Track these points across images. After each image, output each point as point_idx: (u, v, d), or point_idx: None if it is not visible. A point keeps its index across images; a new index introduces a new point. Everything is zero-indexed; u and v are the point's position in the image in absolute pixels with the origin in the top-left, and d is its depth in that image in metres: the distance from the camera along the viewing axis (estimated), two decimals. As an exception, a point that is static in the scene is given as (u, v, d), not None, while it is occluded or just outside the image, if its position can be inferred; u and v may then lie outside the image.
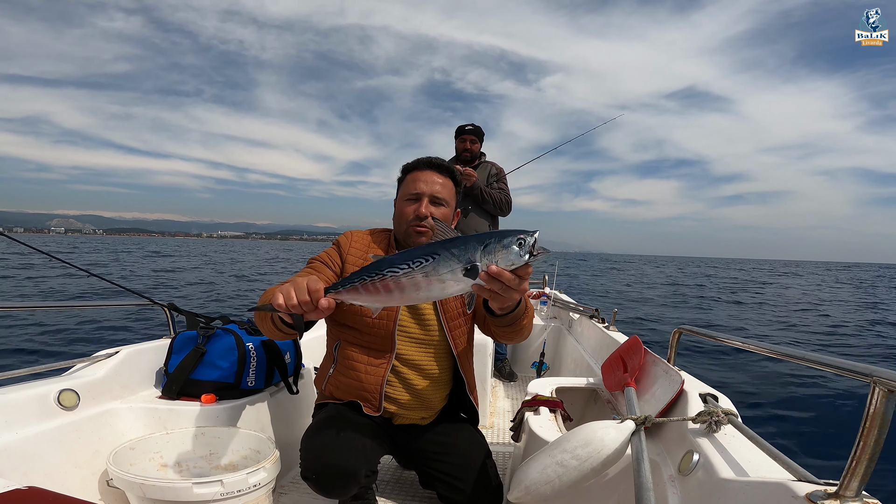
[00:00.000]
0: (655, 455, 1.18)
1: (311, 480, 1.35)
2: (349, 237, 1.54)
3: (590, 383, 1.91)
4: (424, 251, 0.97)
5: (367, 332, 1.47)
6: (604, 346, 2.46)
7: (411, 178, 1.49)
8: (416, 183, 1.47)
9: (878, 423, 0.67)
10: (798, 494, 0.72)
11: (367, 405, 1.47)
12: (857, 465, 0.68)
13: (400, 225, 1.49)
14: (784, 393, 4.64)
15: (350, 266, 1.46)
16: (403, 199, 1.49)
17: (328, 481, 1.33)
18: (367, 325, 1.46)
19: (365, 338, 1.48)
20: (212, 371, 1.68)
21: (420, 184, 1.46)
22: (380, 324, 1.45)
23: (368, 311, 1.38)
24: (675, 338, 1.60)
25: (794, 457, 0.88)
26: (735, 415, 1.13)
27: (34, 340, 7.07)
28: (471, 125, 3.31)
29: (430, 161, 1.50)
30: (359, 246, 1.51)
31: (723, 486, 0.87)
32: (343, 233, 1.59)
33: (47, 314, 9.25)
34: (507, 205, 3.30)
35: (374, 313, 1.10)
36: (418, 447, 1.52)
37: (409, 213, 1.46)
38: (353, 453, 1.34)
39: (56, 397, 1.39)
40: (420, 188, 1.45)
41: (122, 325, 8.77)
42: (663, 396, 1.38)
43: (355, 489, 1.38)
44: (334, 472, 1.31)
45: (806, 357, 0.90)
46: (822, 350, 7.14)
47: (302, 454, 1.39)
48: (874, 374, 0.68)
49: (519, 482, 1.20)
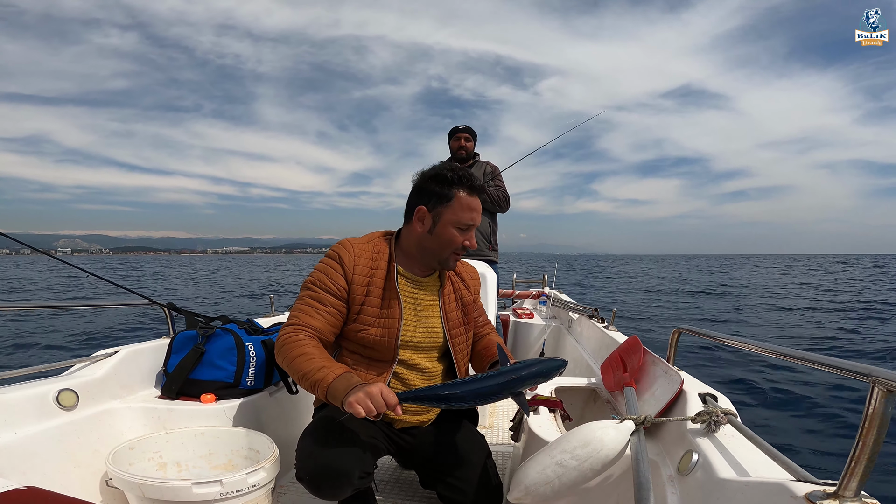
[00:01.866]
0: (655, 455, 1.18)
1: (304, 481, 1.32)
2: (350, 252, 1.41)
3: (589, 383, 1.91)
4: (491, 390, 1.20)
5: (369, 345, 1.43)
6: (603, 346, 2.46)
7: (466, 205, 1.38)
8: (471, 213, 1.39)
9: (878, 423, 0.67)
10: (797, 494, 0.72)
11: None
12: (856, 465, 0.68)
13: (441, 250, 1.41)
14: (784, 393, 4.64)
15: (357, 287, 1.38)
16: (454, 226, 1.38)
17: (321, 482, 1.30)
18: (370, 340, 1.41)
19: (367, 350, 1.44)
20: (211, 371, 1.68)
21: (475, 214, 1.40)
22: (383, 341, 1.41)
23: (374, 329, 1.39)
24: (675, 338, 1.59)
25: (794, 457, 0.88)
26: (734, 415, 1.13)
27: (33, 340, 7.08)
28: (464, 125, 3.38)
29: (481, 187, 1.43)
30: (363, 263, 1.41)
31: (722, 485, 0.87)
32: (339, 243, 1.46)
33: (48, 314, 9.25)
34: (504, 201, 3.33)
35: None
36: (419, 447, 1.52)
37: (457, 243, 1.39)
38: (347, 454, 1.32)
39: (55, 397, 1.39)
40: (475, 220, 1.40)
41: (122, 325, 8.77)
42: (663, 396, 1.38)
43: (350, 491, 1.36)
44: (327, 472, 1.30)
45: (806, 357, 0.90)
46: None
47: (297, 455, 1.36)
48: (873, 374, 0.68)
49: (518, 482, 1.20)
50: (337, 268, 1.39)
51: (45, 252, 2.09)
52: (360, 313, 1.39)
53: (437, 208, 1.39)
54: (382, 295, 1.41)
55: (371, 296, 1.39)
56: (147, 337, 1.95)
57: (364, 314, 1.39)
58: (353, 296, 1.38)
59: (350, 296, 1.38)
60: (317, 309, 1.35)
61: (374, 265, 1.42)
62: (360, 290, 1.39)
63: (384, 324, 1.40)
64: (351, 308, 1.39)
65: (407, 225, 1.46)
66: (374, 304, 1.40)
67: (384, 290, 1.41)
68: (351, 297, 1.38)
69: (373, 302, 1.40)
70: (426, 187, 1.40)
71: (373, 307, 1.40)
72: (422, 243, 1.42)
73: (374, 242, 1.47)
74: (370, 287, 1.40)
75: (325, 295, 1.37)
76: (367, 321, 1.39)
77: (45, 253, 2.07)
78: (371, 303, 1.39)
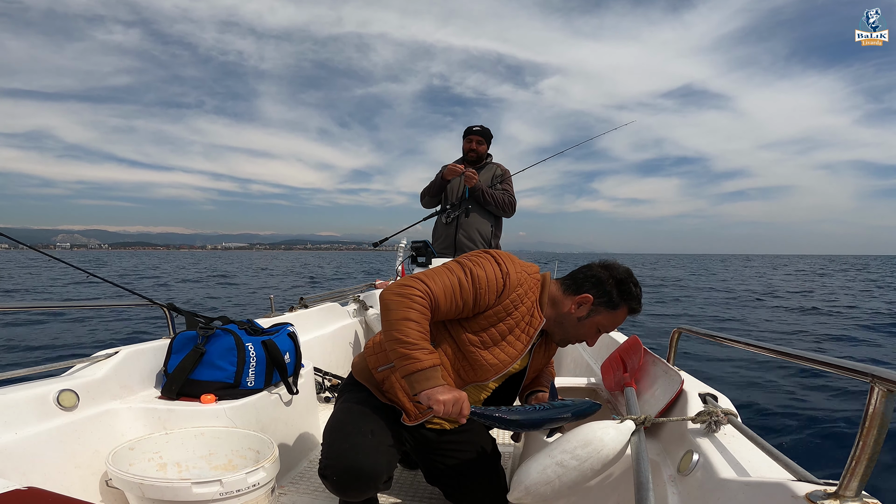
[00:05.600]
0: (655, 455, 1.18)
1: (328, 480, 1.29)
2: (518, 276, 1.34)
3: (589, 383, 1.91)
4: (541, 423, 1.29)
5: (471, 361, 1.37)
6: (603, 346, 2.46)
7: (620, 319, 1.40)
8: (615, 326, 1.42)
9: (878, 423, 0.67)
10: (798, 494, 0.72)
11: (408, 417, 1.42)
12: (856, 465, 0.68)
13: (575, 336, 1.42)
14: (784, 393, 4.64)
15: (500, 310, 1.33)
16: (599, 327, 1.40)
17: (349, 484, 1.28)
18: (476, 359, 1.35)
19: (462, 363, 1.38)
20: (211, 371, 1.68)
21: (615, 327, 1.43)
22: (487, 367, 1.36)
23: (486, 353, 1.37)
24: (675, 338, 1.60)
25: (794, 457, 0.88)
26: (735, 415, 1.13)
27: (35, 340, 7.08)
28: (479, 126, 3.33)
29: (637, 311, 1.43)
30: (521, 293, 1.34)
31: (722, 485, 0.87)
32: (508, 257, 1.38)
33: (48, 315, 9.25)
34: (509, 206, 3.32)
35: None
36: (435, 444, 1.51)
37: (591, 341, 1.43)
38: (378, 458, 1.29)
39: (55, 397, 1.39)
40: (611, 330, 1.44)
41: (122, 325, 8.77)
42: (663, 396, 1.38)
43: (372, 494, 1.34)
44: (358, 475, 1.27)
45: (806, 357, 0.90)
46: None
47: (324, 450, 1.33)
48: (874, 374, 0.68)
49: (519, 482, 1.20)
50: (500, 279, 1.32)
51: (42, 251, 2.09)
52: (484, 331, 1.34)
53: (599, 307, 1.37)
54: (513, 329, 1.36)
55: (504, 324, 1.34)
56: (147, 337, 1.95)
57: (488, 335, 1.34)
58: (490, 313, 1.33)
59: (486, 311, 1.33)
60: (454, 291, 1.28)
61: (524, 298, 1.35)
62: (501, 313, 1.33)
63: (499, 356, 1.36)
64: (476, 321, 1.34)
65: (562, 292, 1.41)
66: (503, 332, 1.35)
67: (516, 326, 1.36)
68: (485, 313, 1.33)
69: (502, 330, 1.34)
70: (605, 285, 1.37)
71: (499, 333, 1.35)
72: (562, 320, 1.40)
73: (533, 277, 1.40)
74: (509, 316, 1.34)
75: (469, 288, 1.29)
76: (486, 342, 1.35)
77: (43, 252, 2.06)
78: (500, 329, 1.34)
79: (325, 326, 2.98)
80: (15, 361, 5.98)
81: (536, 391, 1.56)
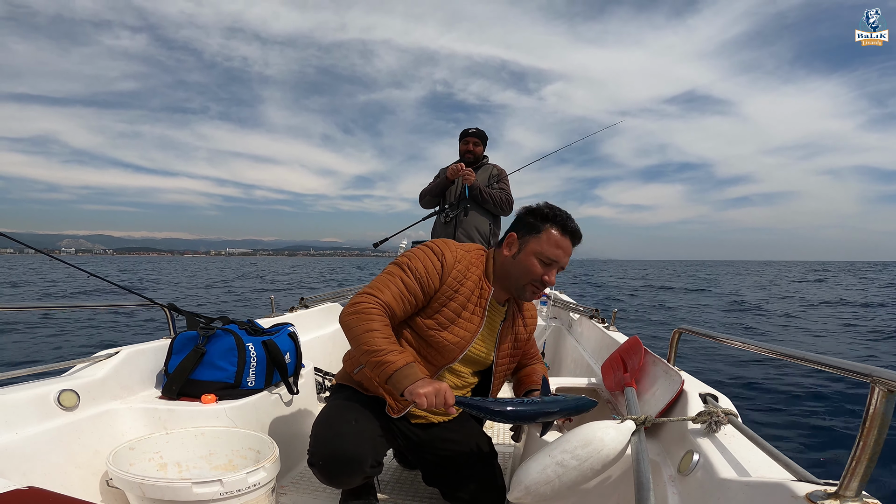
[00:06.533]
0: (655, 455, 1.18)
1: (316, 467, 1.35)
2: (453, 254, 1.41)
3: (590, 383, 1.91)
4: (530, 415, 1.29)
5: (434, 346, 1.42)
6: (604, 346, 2.46)
7: (555, 241, 1.39)
8: (556, 250, 1.39)
9: (878, 423, 0.67)
10: (798, 494, 0.72)
11: (391, 409, 1.45)
12: (856, 466, 0.68)
13: (519, 277, 1.41)
14: (784, 393, 4.64)
15: (446, 289, 1.39)
16: (536, 256, 1.39)
17: (334, 468, 1.33)
18: (438, 342, 1.40)
19: (428, 349, 1.43)
20: (212, 371, 1.68)
21: (561, 253, 1.40)
22: (450, 347, 1.41)
23: (446, 334, 1.40)
24: (675, 338, 1.60)
25: (794, 457, 0.88)
26: (735, 415, 1.13)
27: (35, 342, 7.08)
28: (474, 128, 3.41)
29: (578, 232, 1.43)
30: (460, 269, 1.41)
31: (723, 486, 0.87)
32: (442, 240, 1.46)
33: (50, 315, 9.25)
34: (507, 204, 3.35)
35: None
36: (427, 442, 1.52)
37: (537, 274, 1.39)
38: (361, 442, 1.34)
39: (56, 397, 1.39)
40: (559, 258, 1.40)
41: (122, 325, 8.77)
42: (663, 396, 1.38)
43: (360, 479, 1.37)
44: (341, 459, 1.31)
45: (806, 357, 0.90)
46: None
47: (311, 441, 1.38)
48: (874, 374, 0.68)
49: (519, 482, 1.20)
50: (437, 264, 1.39)
51: (47, 253, 2.09)
52: (438, 313, 1.40)
53: (526, 237, 1.41)
54: (465, 305, 1.42)
55: (454, 302, 1.40)
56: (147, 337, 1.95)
57: (442, 315, 1.40)
58: (439, 295, 1.39)
59: (435, 294, 1.39)
60: (401, 292, 1.35)
61: (466, 273, 1.42)
62: (448, 292, 1.40)
63: (459, 333, 1.41)
64: (430, 306, 1.40)
65: (497, 249, 1.48)
66: (455, 310, 1.40)
67: (468, 302, 1.42)
68: (435, 296, 1.39)
69: (454, 308, 1.40)
70: (523, 218, 1.44)
71: (453, 312, 1.40)
72: (505, 267, 1.44)
73: (473, 253, 1.48)
74: (457, 293, 1.40)
75: (413, 283, 1.36)
76: (443, 323, 1.40)
77: (47, 254, 2.07)
78: (452, 308, 1.40)
79: (325, 326, 2.98)
80: (15, 361, 5.98)
81: (532, 391, 1.58)
